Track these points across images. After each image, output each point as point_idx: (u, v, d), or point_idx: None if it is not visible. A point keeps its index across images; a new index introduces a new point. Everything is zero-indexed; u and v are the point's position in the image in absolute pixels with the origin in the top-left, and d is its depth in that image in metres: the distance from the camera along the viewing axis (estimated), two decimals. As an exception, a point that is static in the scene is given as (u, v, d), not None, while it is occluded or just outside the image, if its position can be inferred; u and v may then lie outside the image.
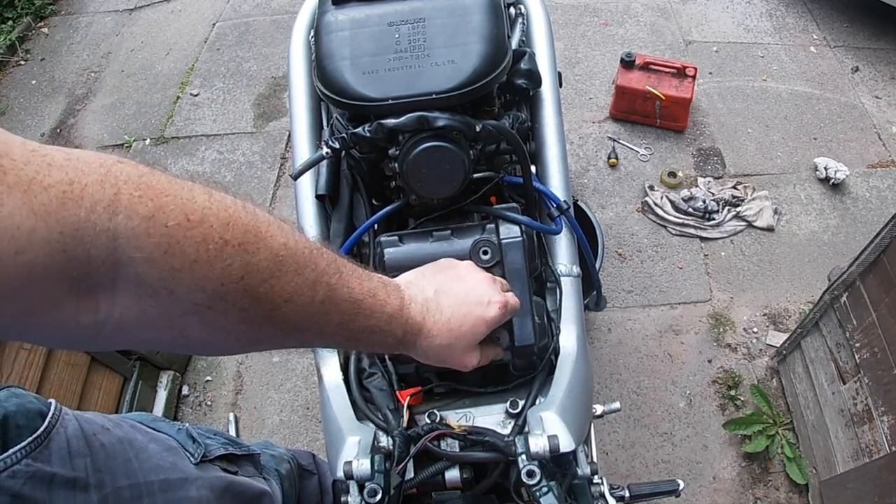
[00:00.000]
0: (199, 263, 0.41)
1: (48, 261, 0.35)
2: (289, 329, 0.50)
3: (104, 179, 0.38)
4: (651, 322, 2.09)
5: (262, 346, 0.52)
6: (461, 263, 0.76)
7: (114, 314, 0.40)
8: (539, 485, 0.70)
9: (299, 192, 1.04)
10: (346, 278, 0.54)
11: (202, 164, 2.64)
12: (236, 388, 2.03)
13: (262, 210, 0.48)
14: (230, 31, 3.20)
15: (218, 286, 0.43)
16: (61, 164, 0.36)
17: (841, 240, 2.26)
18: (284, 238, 0.48)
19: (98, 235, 0.37)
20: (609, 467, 1.81)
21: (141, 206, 0.39)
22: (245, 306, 0.45)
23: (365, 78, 0.86)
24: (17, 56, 3.21)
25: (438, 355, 0.68)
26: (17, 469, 0.63)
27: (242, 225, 0.44)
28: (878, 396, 1.39)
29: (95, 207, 0.37)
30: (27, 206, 0.34)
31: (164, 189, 0.40)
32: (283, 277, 0.47)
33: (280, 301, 0.47)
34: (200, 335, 0.45)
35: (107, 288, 0.39)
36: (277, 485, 1.08)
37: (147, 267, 0.39)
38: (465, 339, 0.68)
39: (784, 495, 1.76)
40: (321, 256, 0.52)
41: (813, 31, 3.01)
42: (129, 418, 0.87)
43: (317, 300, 0.51)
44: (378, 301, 0.59)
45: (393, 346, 0.64)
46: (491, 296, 0.70)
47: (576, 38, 2.98)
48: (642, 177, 2.46)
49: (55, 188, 0.35)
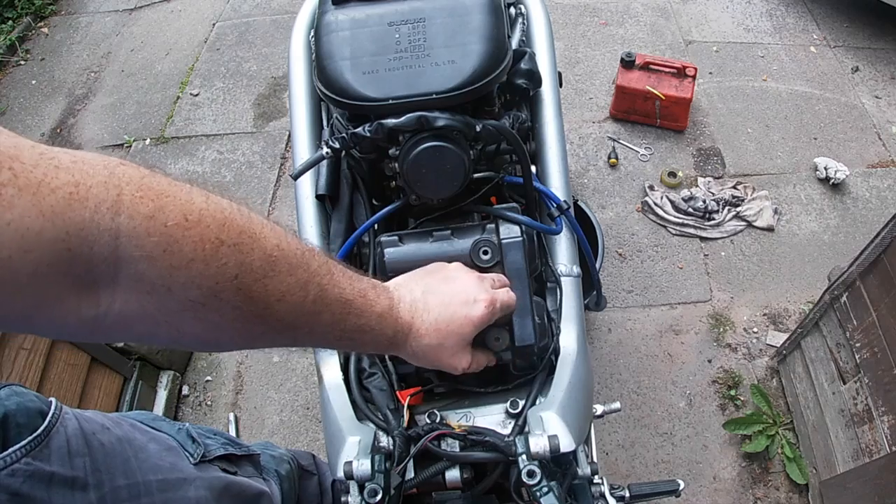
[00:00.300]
0: (196, 262, 0.43)
1: (54, 259, 0.37)
2: (281, 327, 0.52)
3: (108, 181, 0.39)
4: (651, 322, 2.09)
5: (255, 343, 0.54)
6: (450, 265, 0.76)
7: (114, 309, 0.42)
8: (539, 485, 0.70)
9: (299, 192, 1.04)
10: (337, 279, 0.56)
11: (202, 164, 2.64)
12: (236, 388, 2.03)
13: (257, 213, 0.50)
14: (230, 31, 3.20)
15: (213, 284, 0.44)
16: (67, 166, 0.38)
17: (841, 240, 2.26)
18: (277, 240, 0.50)
19: (101, 234, 0.39)
20: (609, 467, 1.81)
21: (142, 206, 0.40)
22: (239, 304, 0.47)
23: (365, 78, 0.86)
24: (17, 56, 3.21)
25: (428, 356, 0.68)
26: (17, 468, 0.63)
27: (237, 226, 0.46)
28: (879, 396, 1.39)
29: (99, 208, 0.38)
30: (36, 208, 0.35)
31: (164, 190, 0.42)
32: (275, 277, 0.49)
33: (273, 300, 0.49)
34: (195, 331, 0.47)
35: (108, 284, 0.41)
36: (276, 485, 1.08)
37: (147, 264, 0.41)
38: (453, 339, 0.68)
39: (784, 495, 1.76)
40: (313, 258, 0.54)
41: (813, 31, 3.01)
42: (130, 417, 0.87)
43: (308, 299, 0.52)
44: (368, 301, 0.60)
45: (385, 346, 0.65)
46: (476, 294, 0.70)
47: (576, 38, 2.98)
48: (642, 177, 2.46)
49: (62, 190, 0.37)
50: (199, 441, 0.91)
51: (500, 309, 0.72)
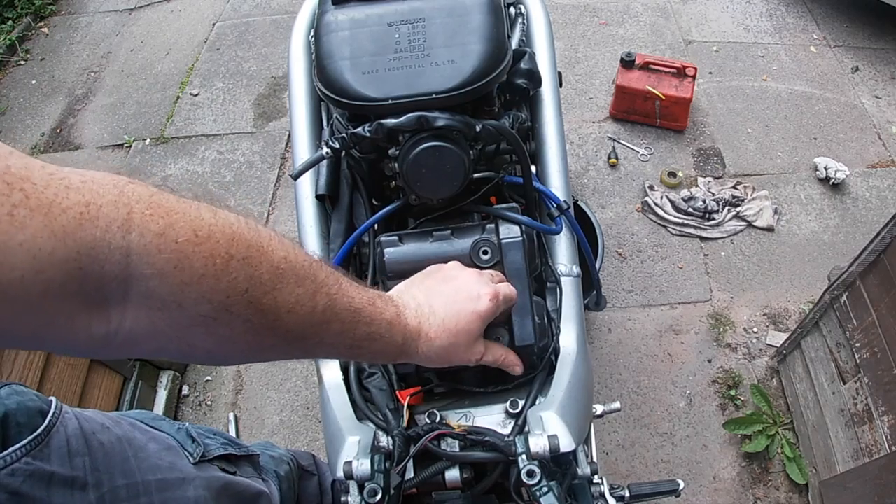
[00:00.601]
0: (207, 277, 0.43)
1: (66, 278, 0.37)
2: (292, 338, 0.52)
3: (118, 199, 0.40)
4: (651, 322, 2.09)
5: (266, 356, 0.54)
6: (446, 265, 0.77)
7: (124, 326, 0.42)
8: (539, 485, 0.70)
9: (299, 192, 1.04)
10: (345, 288, 0.57)
11: (202, 164, 2.64)
12: (236, 388, 2.03)
13: (263, 226, 0.51)
14: (230, 31, 3.20)
15: (224, 298, 0.45)
16: (77, 186, 0.38)
17: (841, 240, 2.26)
18: (285, 252, 0.50)
19: (112, 253, 0.39)
20: (609, 467, 1.81)
21: (153, 223, 0.41)
22: (249, 317, 0.47)
23: (365, 78, 0.86)
24: (17, 56, 3.21)
25: (441, 357, 0.69)
26: (17, 467, 0.63)
27: (246, 240, 0.46)
28: (878, 396, 1.39)
29: (110, 227, 0.39)
30: (48, 228, 0.36)
31: (174, 207, 0.43)
32: (284, 289, 0.49)
33: (283, 311, 0.49)
34: (207, 345, 0.47)
35: (119, 302, 0.41)
36: (275, 486, 1.08)
37: (158, 281, 0.41)
38: (463, 337, 0.69)
39: (784, 495, 1.76)
40: (320, 269, 0.54)
41: (813, 30, 3.01)
42: (129, 416, 0.87)
43: (318, 309, 0.53)
44: (377, 309, 0.60)
45: (394, 353, 0.65)
46: (479, 289, 0.71)
47: (576, 38, 2.98)
48: (642, 177, 2.46)
49: (73, 209, 0.37)
50: (198, 441, 0.91)
51: (503, 301, 0.74)
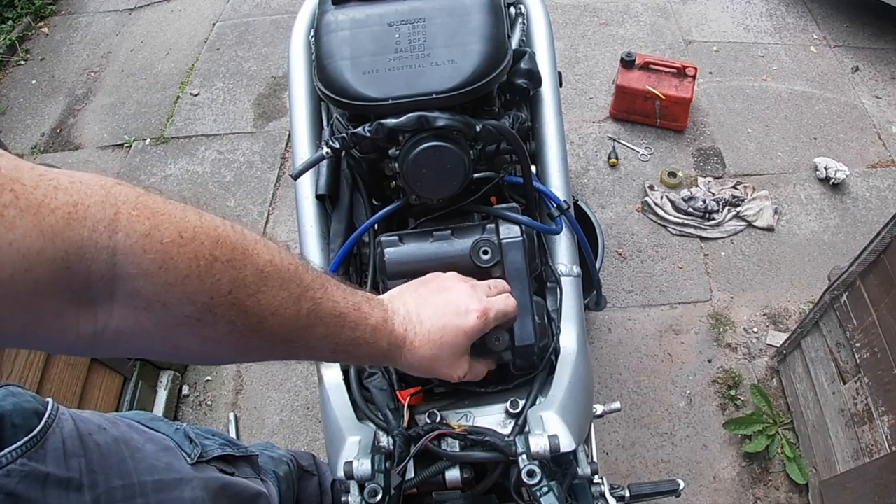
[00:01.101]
0: (191, 278, 0.44)
1: (54, 277, 0.38)
2: (276, 341, 0.52)
3: (105, 200, 0.41)
4: (651, 322, 2.09)
5: (251, 357, 0.54)
6: (446, 274, 0.75)
7: (111, 325, 0.43)
8: (539, 485, 0.70)
9: (299, 192, 1.04)
10: (331, 293, 0.57)
11: (202, 164, 2.64)
12: (236, 388, 2.03)
13: (250, 229, 0.51)
14: (230, 31, 3.19)
15: (208, 299, 0.45)
16: (66, 186, 0.39)
17: (841, 240, 2.26)
18: (270, 255, 0.51)
19: (99, 252, 0.40)
20: (609, 467, 1.81)
21: (139, 224, 0.41)
22: (233, 319, 0.48)
23: (365, 78, 0.86)
24: (17, 56, 3.21)
25: (423, 367, 0.68)
26: (13, 468, 0.63)
27: (230, 243, 0.47)
28: (879, 396, 1.38)
29: (97, 227, 0.39)
30: (37, 228, 0.36)
31: (160, 209, 0.43)
32: (268, 292, 0.50)
33: (266, 314, 0.50)
34: (192, 346, 0.48)
35: (105, 300, 0.42)
36: (274, 486, 1.08)
37: (143, 281, 0.42)
38: (447, 350, 0.68)
39: (784, 495, 1.76)
40: (306, 273, 0.55)
41: (813, 30, 3.01)
42: (127, 417, 0.87)
43: (302, 313, 0.53)
44: (362, 314, 0.60)
45: (380, 358, 0.65)
46: (469, 305, 0.69)
47: (576, 38, 2.98)
48: (642, 176, 2.46)
49: (61, 210, 0.38)
50: (196, 441, 0.91)
51: (494, 318, 0.71)
